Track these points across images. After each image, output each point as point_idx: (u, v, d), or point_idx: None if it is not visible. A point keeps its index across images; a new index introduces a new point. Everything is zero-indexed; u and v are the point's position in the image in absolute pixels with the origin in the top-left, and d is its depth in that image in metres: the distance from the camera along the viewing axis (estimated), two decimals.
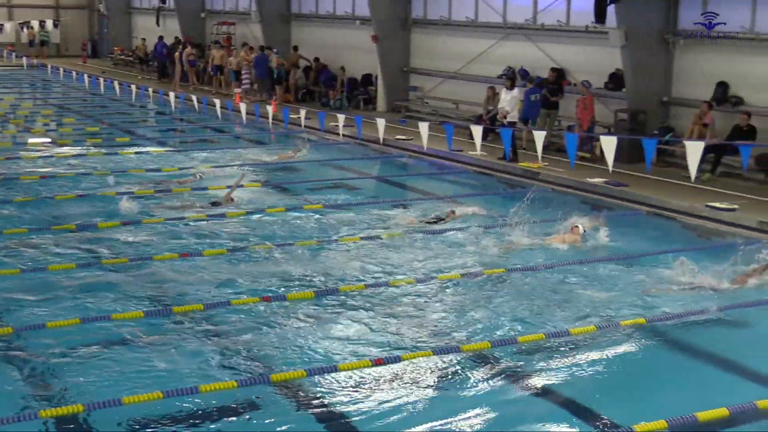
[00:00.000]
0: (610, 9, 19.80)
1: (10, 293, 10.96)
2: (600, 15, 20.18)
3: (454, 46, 26.33)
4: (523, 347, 9.58)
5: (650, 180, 17.44)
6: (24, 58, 41.22)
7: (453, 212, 15.05)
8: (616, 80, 21.00)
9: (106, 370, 8.83)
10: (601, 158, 17.13)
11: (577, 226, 13.59)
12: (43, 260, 12.31)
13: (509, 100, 19.86)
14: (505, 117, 19.90)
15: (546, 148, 18.55)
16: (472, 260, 12.73)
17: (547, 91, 21.10)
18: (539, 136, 17.32)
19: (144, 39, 39.94)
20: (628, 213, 15.92)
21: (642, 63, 19.91)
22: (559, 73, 21.76)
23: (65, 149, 21.97)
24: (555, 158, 19.44)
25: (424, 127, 19.09)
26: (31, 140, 23.34)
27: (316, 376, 8.70)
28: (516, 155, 19.61)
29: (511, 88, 20.00)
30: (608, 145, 15.84)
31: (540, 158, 17.91)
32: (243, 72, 30.83)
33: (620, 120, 20.17)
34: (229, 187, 16.27)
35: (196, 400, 8.09)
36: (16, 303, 10.69)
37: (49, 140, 23.73)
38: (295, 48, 32.28)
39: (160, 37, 37.85)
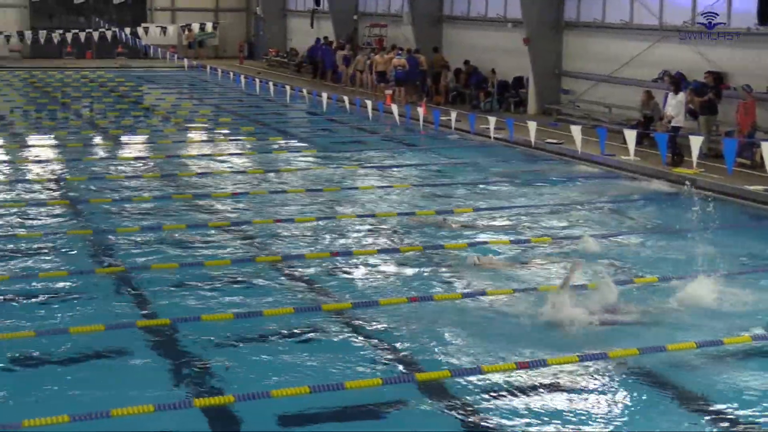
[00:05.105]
0: None
1: (169, 287, 11.45)
2: (764, 16, 19.44)
3: (608, 49, 25.82)
4: (673, 356, 9.34)
5: None
6: (185, 60, 42.80)
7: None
8: None
9: (257, 364, 9.11)
10: (762, 165, 16.55)
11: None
12: (200, 256, 12.78)
13: (675, 105, 19.39)
14: (669, 121, 19.43)
15: (702, 154, 18.01)
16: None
17: (695, 92, 20.33)
18: (696, 142, 16.83)
19: (291, 40, 40.13)
20: None
21: None
22: (717, 77, 21.05)
23: (222, 147, 22.73)
24: (711, 165, 18.80)
25: (576, 131, 18.85)
26: (189, 138, 24.29)
27: (461, 377, 8.72)
28: (681, 159, 19.05)
29: (676, 92, 19.50)
30: None
31: (695, 164, 17.39)
32: (390, 74, 31.02)
33: None
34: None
35: (342, 396, 8.23)
36: (174, 296, 11.15)
37: (205, 138, 24.62)
38: (435, 49, 32.27)
39: (326, 39, 38.28)
